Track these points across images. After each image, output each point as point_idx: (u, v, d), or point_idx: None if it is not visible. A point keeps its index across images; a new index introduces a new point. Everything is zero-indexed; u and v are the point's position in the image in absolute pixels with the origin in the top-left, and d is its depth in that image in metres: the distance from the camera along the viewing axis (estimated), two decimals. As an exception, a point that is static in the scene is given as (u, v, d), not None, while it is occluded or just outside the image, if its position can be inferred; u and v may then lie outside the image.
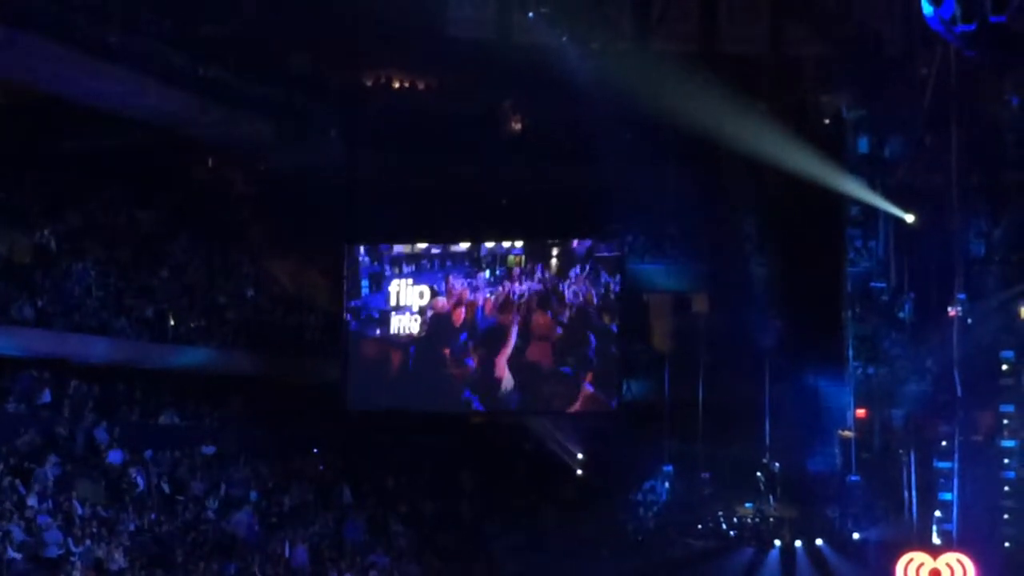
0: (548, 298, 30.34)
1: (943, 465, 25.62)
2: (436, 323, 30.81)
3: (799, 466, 29.73)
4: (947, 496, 25.44)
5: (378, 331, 31.11)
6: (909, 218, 28.00)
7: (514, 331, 30.28)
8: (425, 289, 30.89)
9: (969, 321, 25.50)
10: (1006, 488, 25.59)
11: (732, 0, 32.15)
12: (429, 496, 32.04)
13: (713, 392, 30.51)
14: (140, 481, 27.17)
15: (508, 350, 30.28)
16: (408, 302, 30.97)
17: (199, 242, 32.86)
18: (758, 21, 32.07)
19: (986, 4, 17.00)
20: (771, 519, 29.02)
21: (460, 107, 34.39)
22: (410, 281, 31.05)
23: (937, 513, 25.55)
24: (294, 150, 32.25)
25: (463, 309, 30.73)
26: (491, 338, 30.40)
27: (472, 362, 30.49)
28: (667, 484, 30.59)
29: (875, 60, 29.41)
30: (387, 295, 31.15)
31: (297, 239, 34.03)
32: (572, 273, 30.30)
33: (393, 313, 31.06)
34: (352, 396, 31.07)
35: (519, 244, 30.71)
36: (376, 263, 31.35)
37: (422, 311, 30.88)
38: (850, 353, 28.96)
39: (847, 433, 28.78)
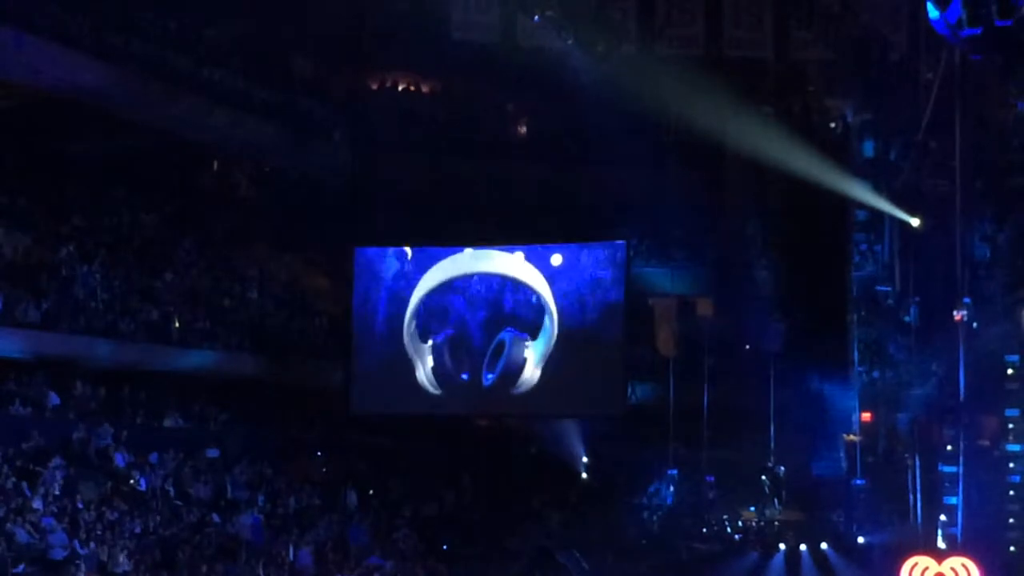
0: (553, 300, 30.38)
1: (948, 469, 25.51)
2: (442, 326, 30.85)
3: (804, 470, 29.75)
4: (952, 500, 25.32)
5: (383, 334, 31.09)
6: (914, 222, 27.97)
7: (518, 334, 30.32)
8: (431, 292, 30.88)
9: (974, 325, 25.42)
10: (1011, 492, 25.49)
11: (737, 4, 32.15)
12: (433, 499, 32.03)
13: (718, 396, 30.50)
14: (144, 484, 27.16)
15: (514, 352, 30.32)
16: (414, 305, 30.94)
17: (204, 245, 32.87)
18: (762, 25, 32.09)
19: (992, 8, 16.97)
20: (776, 523, 29.00)
21: (464, 110, 34.44)
22: (416, 284, 31.04)
23: (942, 517, 25.46)
24: (299, 153, 32.28)
25: (469, 311, 30.77)
26: (497, 340, 30.45)
27: (478, 364, 30.53)
28: (672, 488, 30.61)
29: (880, 64, 29.41)
30: (393, 298, 31.13)
31: (302, 242, 34.05)
32: (577, 276, 30.32)
33: (399, 316, 31.04)
34: (357, 400, 31.07)
35: (524, 247, 30.70)
36: (382, 266, 31.33)
37: (428, 314, 30.89)
38: (855, 357, 28.97)
39: (852, 437, 28.79)
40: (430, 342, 30.71)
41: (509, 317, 30.52)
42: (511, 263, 30.56)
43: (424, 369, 30.80)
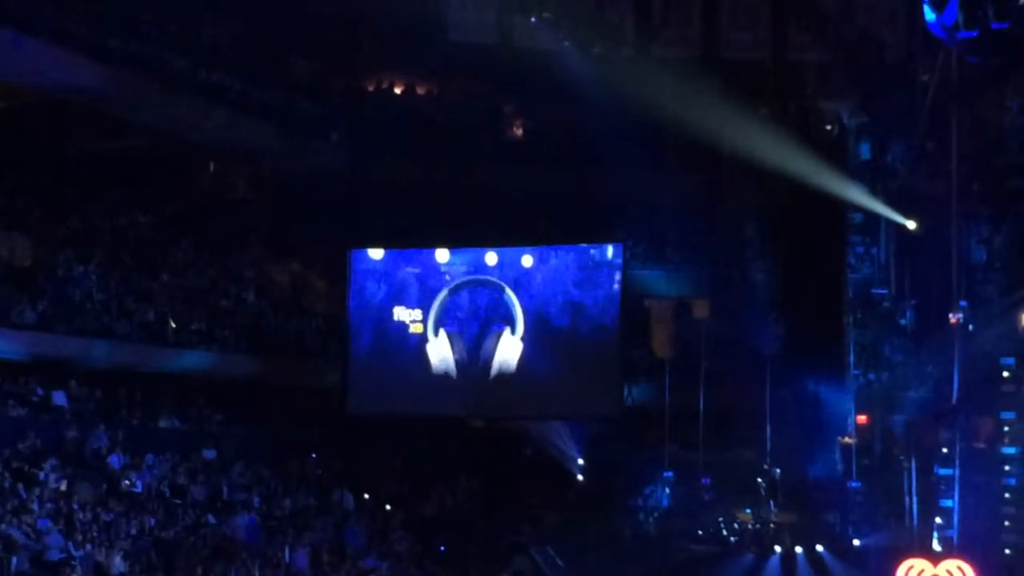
0: (550, 302, 30.41)
1: (944, 472, 25.57)
2: (438, 327, 30.86)
3: (800, 472, 29.72)
4: (948, 503, 25.38)
5: (379, 336, 31.09)
6: (910, 224, 28.00)
7: (515, 333, 30.35)
8: (427, 293, 30.89)
9: (970, 328, 25.47)
10: (1007, 495, 25.53)
11: (734, 5, 32.11)
12: (429, 501, 32.03)
13: (714, 398, 30.51)
14: (140, 485, 27.15)
15: (510, 352, 30.34)
16: (409, 307, 30.96)
17: (200, 246, 32.86)
18: (760, 27, 32.03)
19: (988, 10, 17.00)
20: (772, 525, 28.99)
21: (461, 111, 34.43)
22: (412, 285, 31.05)
23: (938, 520, 25.50)
24: (296, 154, 32.26)
25: (464, 312, 30.80)
26: (493, 341, 30.45)
27: (474, 365, 30.57)
28: (667, 490, 30.64)
29: (877, 66, 29.41)
30: (389, 299, 31.13)
31: (298, 243, 34.05)
32: (573, 278, 30.33)
33: (394, 319, 31.05)
34: (353, 402, 31.05)
35: (520, 248, 30.74)
36: (378, 267, 31.33)
37: (423, 315, 30.90)
38: (851, 359, 28.97)
39: (848, 439, 28.77)
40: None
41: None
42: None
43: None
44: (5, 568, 22.73)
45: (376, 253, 31.34)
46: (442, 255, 31.10)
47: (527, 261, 30.74)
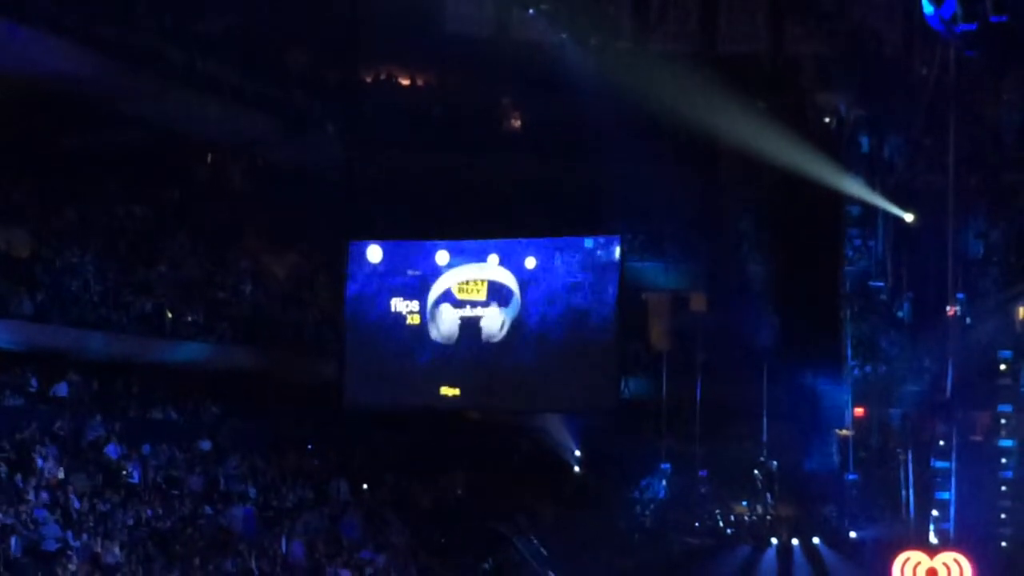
0: (546, 295, 30.41)
1: (941, 464, 25.66)
2: (436, 321, 30.84)
3: (796, 465, 29.78)
4: (944, 495, 25.48)
5: (377, 328, 31.08)
6: (908, 217, 28.04)
7: (512, 328, 30.35)
8: (424, 286, 30.88)
9: (968, 321, 25.53)
10: (1003, 488, 25.63)
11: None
12: (426, 493, 32.04)
13: (711, 391, 30.52)
14: (137, 476, 27.16)
15: (507, 347, 30.33)
16: (407, 299, 30.94)
17: (197, 238, 32.81)
18: (757, 20, 32.12)
19: (987, 4, 17.02)
20: (768, 517, 29.05)
21: (458, 104, 34.41)
22: (411, 279, 31.03)
23: (934, 512, 25.58)
24: (292, 146, 32.25)
25: (462, 307, 30.77)
26: (489, 335, 30.48)
27: (470, 359, 30.55)
28: (664, 482, 30.65)
29: (875, 60, 29.46)
30: (386, 292, 31.11)
31: (295, 235, 34.00)
32: (570, 271, 30.32)
33: (391, 310, 31.03)
34: (350, 395, 31.02)
35: (517, 240, 30.71)
36: (375, 259, 31.30)
37: (421, 308, 30.88)
38: (848, 352, 29.02)
39: (845, 432, 28.83)
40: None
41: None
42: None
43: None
44: (1, 558, 22.74)
45: (375, 253, 31.21)
46: (442, 257, 30.95)
47: (530, 263, 30.56)
